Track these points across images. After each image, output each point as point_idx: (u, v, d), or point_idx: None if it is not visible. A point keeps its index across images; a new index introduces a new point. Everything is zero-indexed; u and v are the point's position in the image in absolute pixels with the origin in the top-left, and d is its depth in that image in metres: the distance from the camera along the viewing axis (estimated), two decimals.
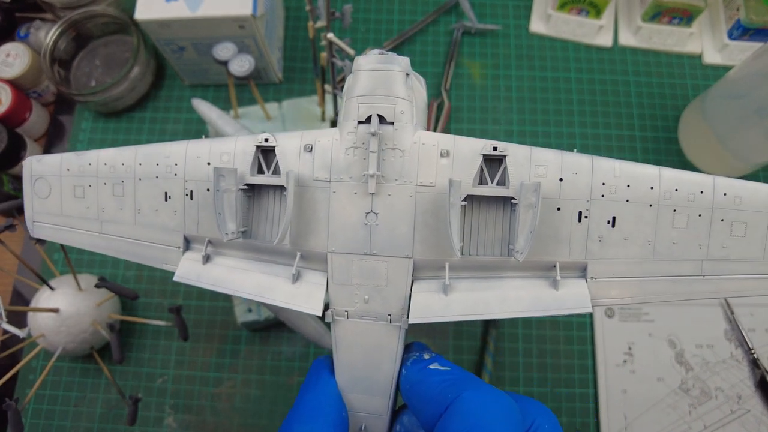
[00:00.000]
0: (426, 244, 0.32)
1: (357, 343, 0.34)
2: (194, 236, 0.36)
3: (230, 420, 0.65)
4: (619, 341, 0.67)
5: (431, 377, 0.31)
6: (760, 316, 0.67)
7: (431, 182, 0.32)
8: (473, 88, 0.80)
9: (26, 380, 0.68)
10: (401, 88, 0.32)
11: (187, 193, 0.35)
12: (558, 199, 0.31)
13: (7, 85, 0.74)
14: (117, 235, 0.38)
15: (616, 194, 0.31)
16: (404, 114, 0.32)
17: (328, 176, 0.33)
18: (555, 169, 0.31)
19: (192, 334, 0.68)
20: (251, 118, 0.76)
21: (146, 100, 0.80)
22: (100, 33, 0.80)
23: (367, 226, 0.32)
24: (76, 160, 0.38)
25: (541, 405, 0.31)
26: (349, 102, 0.32)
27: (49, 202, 0.39)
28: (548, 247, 0.31)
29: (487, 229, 0.33)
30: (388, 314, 0.33)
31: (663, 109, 0.78)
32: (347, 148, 0.32)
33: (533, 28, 0.82)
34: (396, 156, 0.32)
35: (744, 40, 0.77)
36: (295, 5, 0.85)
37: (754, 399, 0.64)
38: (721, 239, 0.31)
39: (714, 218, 0.31)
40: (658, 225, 0.31)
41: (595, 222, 0.31)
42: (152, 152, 0.36)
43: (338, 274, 0.33)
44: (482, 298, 0.31)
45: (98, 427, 0.66)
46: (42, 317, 0.60)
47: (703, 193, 0.31)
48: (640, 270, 0.31)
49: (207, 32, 0.69)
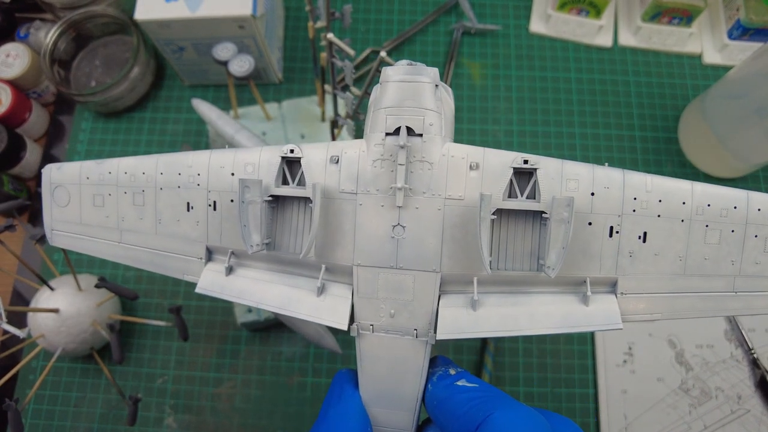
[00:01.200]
0: (454, 258, 0.32)
1: (382, 358, 0.33)
2: (217, 247, 0.36)
3: (230, 420, 0.65)
4: (619, 341, 0.67)
5: (459, 394, 0.31)
6: (760, 316, 0.67)
7: (460, 195, 0.31)
8: (473, 88, 0.80)
9: (26, 380, 0.68)
10: (430, 99, 0.31)
11: (210, 203, 0.35)
12: (589, 214, 0.31)
13: (7, 85, 0.74)
14: (137, 245, 0.38)
15: (648, 209, 0.31)
16: (433, 126, 0.31)
17: (354, 188, 0.32)
18: (586, 183, 0.31)
19: (192, 335, 0.68)
20: (251, 118, 0.76)
21: (146, 101, 0.80)
22: (100, 33, 0.80)
23: (393, 239, 0.32)
24: (96, 168, 0.38)
25: (569, 421, 0.31)
26: (376, 113, 0.32)
27: (69, 210, 0.39)
28: (579, 263, 0.31)
29: (516, 243, 0.32)
30: (415, 329, 0.33)
31: (663, 109, 0.78)
32: (374, 160, 0.32)
33: (533, 28, 0.82)
34: (424, 168, 0.31)
35: (744, 40, 0.77)
36: (295, 5, 0.85)
37: (754, 399, 0.64)
38: (754, 255, 0.30)
39: (747, 234, 0.30)
40: (690, 241, 0.31)
41: (626, 237, 0.31)
42: (174, 161, 0.36)
43: (364, 288, 0.33)
44: (511, 314, 0.31)
45: (98, 427, 0.66)
46: (42, 317, 0.60)
47: (736, 209, 0.30)
48: (671, 286, 0.31)
49: (207, 32, 0.69)
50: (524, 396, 0.65)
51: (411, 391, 0.33)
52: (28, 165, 0.75)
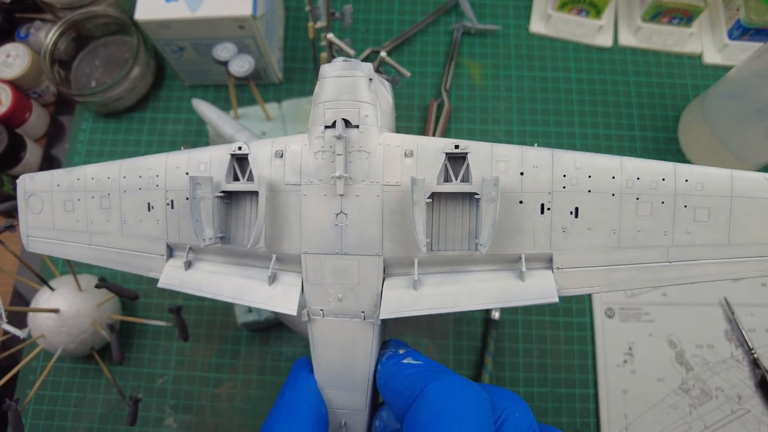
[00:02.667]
0: (395, 241, 0.33)
1: (333, 341, 0.35)
2: (176, 244, 0.38)
3: (230, 420, 0.65)
4: (620, 341, 0.67)
5: (403, 371, 0.32)
6: (760, 316, 0.67)
7: (397, 182, 0.33)
8: (473, 89, 0.80)
9: (26, 381, 0.68)
10: (365, 92, 0.33)
11: (168, 202, 0.37)
12: (520, 193, 0.32)
13: (8, 85, 0.74)
14: (106, 246, 0.40)
15: (578, 185, 0.32)
16: (368, 117, 0.33)
17: (298, 180, 0.34)
18: (516, 163, 0.32)
19: (192, 335, 0.68)
20: (251, 118, 0.76)
21: (146, 101, 0.80)
22: (100, 33, 0.80)
23: (337, 226, 0.33)
24: (65, 176, 0.40)
25: (512, 394, 0.31)
26: (316, 108, 0.34)
27: (42, 217, 0.41)
28: (513, 240, 0.32)
29: (456, 225, 0.33)
30: (362, 311, 0.34)
31: (663, 109, 0.78)
32: (316, 153, 0.33)
33: (533, 29, 0.82)
34: (362, 158, 0.33)
35: (744, 40, 0.77)
36: (295, 5, 0.85)
37: (754, 399, 0.64)
38: (686, 225, 0.31)
39: (677, 205, 0.31)
40: (622, 214, 0.31)
41: (557, 213, 0.32)
42: (135, 165, 0.38)
43: (312, 275, 0.34)
44: (450, 292, 0.32)
45: (98, 427, 0.66)
46: (42, 318, 0.60)
47: (665, 181, 0.31)
48: (606, 259, 0.32)
49: (207, 32, 0.69)
50: (524, 396, 0.65)
51: (362, 372, 0.34)
52: (29, 165, 0.76)
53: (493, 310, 0.67)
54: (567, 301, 0.69)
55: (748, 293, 0.68)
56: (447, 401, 0.28)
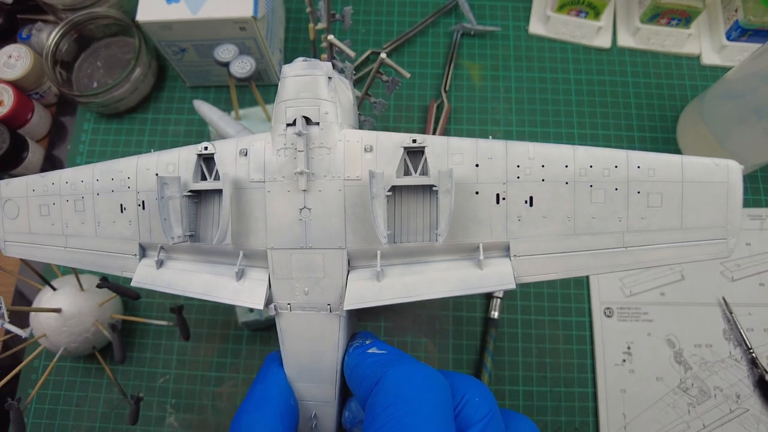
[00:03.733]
0: (357, 234, 0.34)
1: (301, 335, 0.35)
2: (148, 243, 0.39)
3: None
4: (618, 341, 0.67)
5: (367, 359, 0.33)
6: (758, 316, 0.67)
7: (358, 176, 0.34)
8: (473, 89, 0.80)
9: (28, 380, 0.68)
10: (324, 90, 0.34)
11: (140, 203, 0.38)
12: (475, 184, 0.33)
13: (9, 86, 0.74)
14: (81, 248, 0.41)
15: (531, 175, 0.32)
16: (328, 114, 0.34)
17: (262, 177, 0.35)
18: (470, 156, 0.33)
19: (193, 334, 0.68)
20: (252, 119, 0.76)
21: (148, 102, 0.80)
22: (101, 35, 0.80)
23: (301, 221, 0.34)
24: (40, 180, 0.41)
25: (473, 379, 0.32)
26: (278, 107, 0.34)
27: (18, 221, 0.42)
28: (470, 230, 0.33)
29: (416, 217, 0.34)
30: (328, 304, 0.35)
31: (661, 110, 0.78)
32: (278, 150, 0.34)
33: (532, 30, 0.83)
34: (323, 154, 0.34)
35: (742, 41, 0.78)
36: (296, 7, 0.85)
37: (752, 398, 0.64)
38: (639, 211, 0.31)
39: (630, 191, 0.31)
40: (576, 201, 0.32)
41: (512, 203, 0.32)
42: (107, 168, 0.39)
43: (278, 269, 0.35)
44: (411, 282, 0.33)
45: (100, 426, 0.66)
46: (44, 317, 0.60)
47: (617, 168, 0.32)
48: (563, 246, 0.32)
49: (208, 34, 0.69)
50: (524, 395, 0.66)
51: (330, 364, 0.35)
52: (31, 166, 0.76)
53: (493, 310, 0.68)
54: (566, 301, 0.69)
55: (747, 293, 0.68)
56: (404, 385, 0.29)
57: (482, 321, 0.69)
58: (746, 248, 0.70)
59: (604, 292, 0.69)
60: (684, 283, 0.69)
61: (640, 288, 0.69)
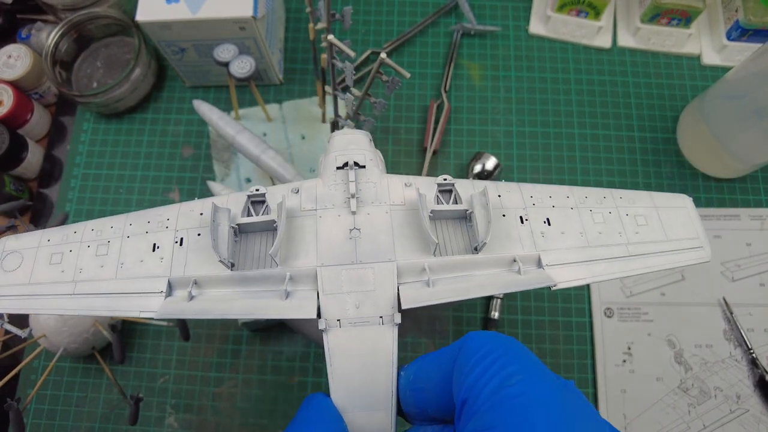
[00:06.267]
0: (405, 249, 0.36)
1: (352, 351, 0.33)
2: (179, 279, 0.36)
3: (231, 420, 0.66)
4: (619, 341, 0.67)
5: (428, 357, 0.33)
6: (759, 316, 0.67)
7: (401, 202, 0.38)
8: (473, 89, 0.80)
9: (28, 380, 0.68)
10: (367, 144, 0.41)
11: (177, 240, 0.38)
12: (501, 208, 0.39)
13: (9, 86, 0.74)
14: (92, 293, 0.37)
15: (543, 203, 0.40)
16: (372, 161, 0.39)
17: (314, 206, 0.38)
18: (493, 190, 0.40)
19: (193, 335, 0.68)
20: (252, 119, 0.76)
21: (147, 102, 0.80)
22: (101, 35, 0.80)
23: (351, 239, 0.36)
24: (60, 231, 0.39)
25: None
26: (328, 157, 0.40)
27: (16, 274, 0.38)
28: (504, 245, 0.37)
29: (452, 242, 0.38)
30: (380, 316, 0.34)
31: (662, 110, 0.78)
32: (329, 186, 0.38)
33: (532, 30, 0.83)
34: (370, 186, 0.38)
35: (742, 41, 0.78)
36: (296, 7, 0.85)
37: (753, 398, 0.64)
38: (633, 228, 0.40)
39: (621, 214, 0.40)
40: (583, 222, 0.39)
41: (534, 222, 0.39)
42: (145, 213, 0.39)
43: (328, 285, 0.35)
44: (462, 287, 0.36)
45: (99, 427, 0.66)
46: (44, 317, 0.60)
47: (605, 198, 0.40)
48: (583, 255, 0.38)
49: (208, 34, 0.69)
50: None
51: (384, 384, 0.33)
52: (30, 166, 0.76)
53: (493, 310, 0.68)
54: (566, 301, 0.69)
55: (747, 293, 0.68)
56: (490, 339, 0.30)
57: (482, 321, 0.69)
58: (746, 248, 0.70)
59: (605, 293, 0.69)
60: (684, 283, 0.69)
61: (641, 288, 0.69)
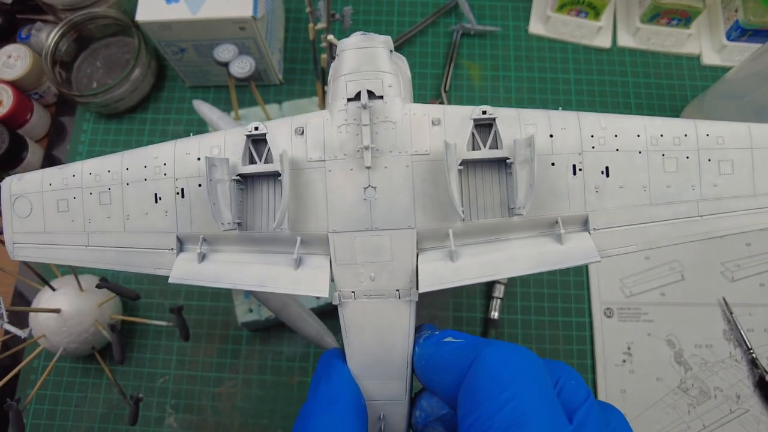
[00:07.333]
0: (427, 213, 0.32)
1: (367, 325, 0.32)
2: (188, 235, 0.35)
3: (231, 420, 0.66)
4: (618, 341, 0.67)
5: (446, 347, 0.30)
6: (758, 316, 0.67)
7: (426, 150, 0.32)
8: (473, 89, 0.80)
9: (27, 380, 0.68)
10: (386, 62, 0.32)
11: (178, 191, 0.34)
12: (551, 155, 0.32)
13: (9, 86, 0.74)
14: (105, 246, 0.36)
15: (606, 144, 0.32)
16: (392, 87, 0.32)
17: (322, 155, 0.32)
18: (544, 126, 0.32)
19: (193, 335, 0.68)
20: (252, 119, 0.76)
21: (147, 102, 0.80)
22: (101, 34, 0.80)
23: (366, 201, 0.32)
24: (58, 173, 0.37)
25: (563, 363, 0.30)
26: (336, 82, 0.32)
27: (30, 220, 0.37)
28: (548, 203, 0.32)
29: (486, 195, 0.32)
30: (397, 290, 0.32)
31: (662, 110, 0.78)
32: (339, 126, 0.32)
33: (532, 30, 0.83)
34: (388, 128, 0.32)
35: (742, 41, 0.78)
36: (296, 7, 0.85)
37: (752, 398, 0.64)
38: (712, 178, 0.32)
39: (701, 159, 0.32)
40: (650, 170, 0.32)
41: (589, 173, 0.32)
42: (139, 155, 0.35)
43: (341, 254, 0.32)
44: (490, 261, 0.31)
45: (99, 427, 0.66)
46: (43, 318, 0.60)
47: (687, 136, 0.32)
48: (640, 216, 0.32)
49: (208, 34, 0.69)
50: None
51: (400, 356, 0.32)
52: (30, 166, 0.76)
53: (493, 310, 0.68)
54: (566, 301, 0.69)
55: (747, 293, 0.68)
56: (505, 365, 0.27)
57: (482, 321, 0.69)
58: (746, 248, 0.70)
59: (605, 293, 0.69)
60: (684, 283, 0.69)
61: (641, 288, 0.69)
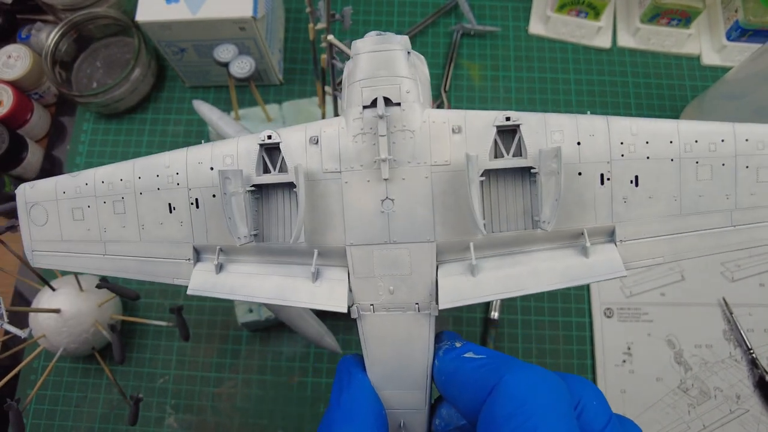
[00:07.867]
0: (447, 225, 0.31)
1: (386, 337, 0.32)
2: (204, 246, 0.35)
3: (231, 420, 0.66)
4: (619, 341, 0.67)
5: (468, 364, 0.30)
6: (758, 316, 0.67)
7: (446, 160, 0.31)
8: (473, 90, 0.80)
9: (27, 381, 0.68)
10: (404, 66, 0.31)
11: (192, 201, 0.34)
12: (578, 164, 0.30)
13: (9, 86, 0.74)
14: (123, 255, 0.36)
15: (636, 152, 0.30)
16: (410, 93, 0.31)
17: (338, 167, 0.31)
18: (571, 133, 0.30)
19: (193, 335, 0.68)
20: (252, 119, 0.76)
21: (147, 102, 0.80)
22: (101, 35, 0.80)
23: (384, 213, 0.31)
24: (71, 181, 0.37)
25: (585, 380, 0.30)
26: (351, 87, 0.31)
27: (47, 228, 0.37)
28: (573, 214, 0.30)
29: (509, 204, 0.31)
30: (416, 303, 0.32)
31: (662, 110, 0.78)
32: (355, 135, 0.31)
33: (532, 30, 0.83)
34: (406, 137, 0.31)
35: (742, 41, 0.78)
36: (296, 7, 0.85)
37: (752, 399, 0.64)
38: (748, 186, 0.30)
39: (738, 165, 0.30)
40: (682, 179, 0.30)
41: (618, 183, 0.30)
42: (151, 163, 0.35)
43: (359, 267, 0.32)
44: (512, 275, 0.30)
45: (99, 427, 0.66)
46: (43, 318, 0.60)
47: (724, 142, 0.30)
48: (669, 227, 0.30)
49: (208, 34, 0.69)
50: None
51: (420, 369, 0.32)
52: (30, 166, 0.76)
53: (493, 310, 0.68)
54: (566, 301, 0.69)
55: (747, 293, 0.68)
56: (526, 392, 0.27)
57: (482, 321, 0.69)
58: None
59: (605, 293, 0.69)
60: (684, 283, 0.69)
61: (641, 288, 0.69)
